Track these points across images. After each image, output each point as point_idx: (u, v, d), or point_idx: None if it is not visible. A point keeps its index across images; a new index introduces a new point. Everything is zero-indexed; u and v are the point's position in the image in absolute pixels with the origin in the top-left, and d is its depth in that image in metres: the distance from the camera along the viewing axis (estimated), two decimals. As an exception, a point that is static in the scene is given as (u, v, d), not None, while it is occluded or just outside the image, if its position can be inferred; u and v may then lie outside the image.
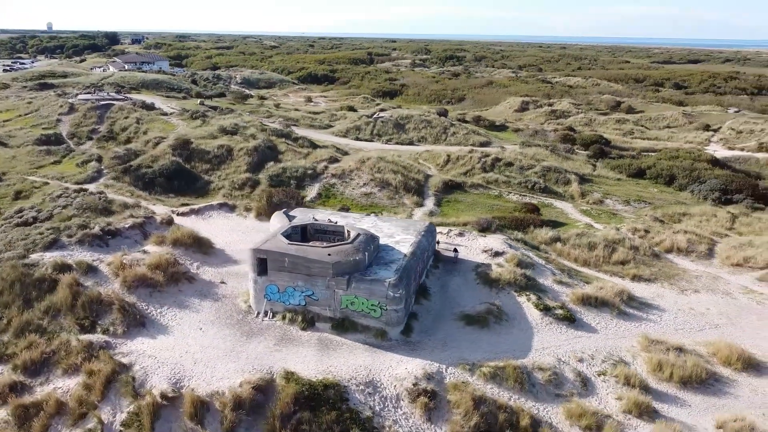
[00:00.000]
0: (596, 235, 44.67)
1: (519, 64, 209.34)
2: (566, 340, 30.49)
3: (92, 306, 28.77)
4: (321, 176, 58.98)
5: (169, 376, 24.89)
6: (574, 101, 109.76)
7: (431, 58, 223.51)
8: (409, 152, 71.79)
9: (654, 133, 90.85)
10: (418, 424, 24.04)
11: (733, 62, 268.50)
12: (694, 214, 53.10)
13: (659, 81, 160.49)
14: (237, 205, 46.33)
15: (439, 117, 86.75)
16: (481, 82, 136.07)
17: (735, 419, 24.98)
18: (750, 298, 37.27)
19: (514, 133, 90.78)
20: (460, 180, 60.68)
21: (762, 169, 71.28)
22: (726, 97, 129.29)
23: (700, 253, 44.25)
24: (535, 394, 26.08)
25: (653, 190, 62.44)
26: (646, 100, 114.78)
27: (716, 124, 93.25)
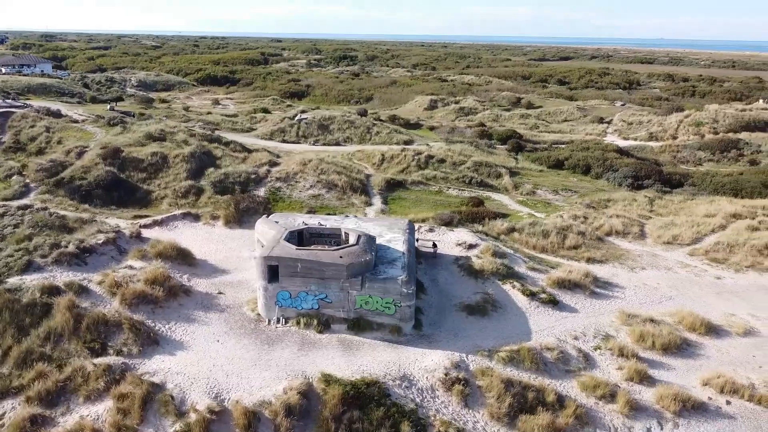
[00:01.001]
0: (546, 223, 48.26)
1: (412, 63, 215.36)
2: (556, 321, 33.21)
3: (98, 327, 27.33)
4: (264, 180, 58.38)
5: (206, 391, 24.46)
6: (477, 98, 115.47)
7: (325, 58, 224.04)
8: (339, 153, 72.49)
9: (557, 126, 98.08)
10: (457, 410, 25.46)
11: (598, 59, 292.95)
12: (617, 199, 58.66)
13: (543, 77, 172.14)
14: (201, 213, 44.98)
15: (360, 117, 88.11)
16: (385, 81, 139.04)
17: (716, 376, 28.73)
18: (688, 272, 42.25)
19: (430, 131, 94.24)
20: (401, 178, 62.56)
21: (657, 156, 79.62)
22: (605, 91, 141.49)
23: (635, 234, 49.22)
24: (548, 372, 28.40)
25: (573, 179, 67.96)
26: (542, 95, 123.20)
27: (608, 117, 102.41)
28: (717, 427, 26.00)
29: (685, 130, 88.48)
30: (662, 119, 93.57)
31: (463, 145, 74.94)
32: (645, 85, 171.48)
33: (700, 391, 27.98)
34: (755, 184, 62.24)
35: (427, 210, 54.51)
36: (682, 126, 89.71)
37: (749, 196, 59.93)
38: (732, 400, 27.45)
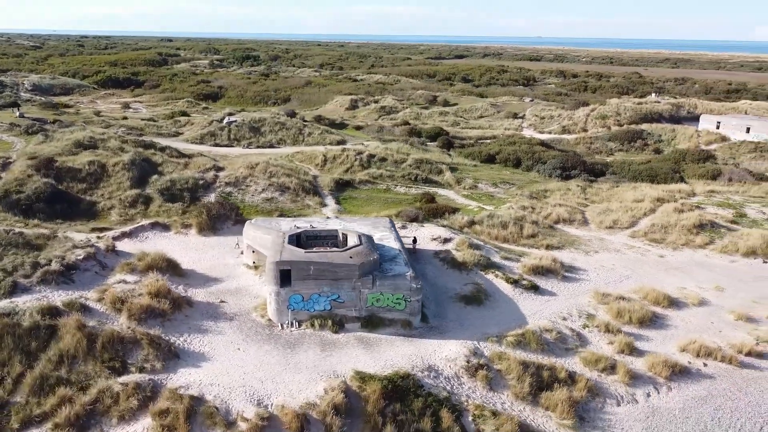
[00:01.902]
0: (501, 215, 51.02)
1: (318, 63, 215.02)
2: (541, 305, 35.71)
3: (115, 346, 26.20)
4: (213, 186, 57.07)
5: (247, 399, 24.37)
6: (395, 97, 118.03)
7: (227, 59, 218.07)
8: (276, 155, 71.93)
9: (475, 122, 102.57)
10: (484, 394, 27.04)
11: (490, 56, 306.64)
12: (552, 189, 62.92)
13: (447, 75, 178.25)
14: (170, 223, 43.37)
15: (290, 118, 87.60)
16: (300, 81, 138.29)
17: (691, 342, 32.32)
18: (634, 252, 46.53)
19: (357, 131, 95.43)
20: (348, 178, 63.36)
21: (573, 147, 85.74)
22: (511, 88, 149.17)
23: (580, 221, 53.28)
24: (552, 351, 30.68)
25: (507, 172, 71.83)
26: (455, 93, 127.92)
27: (520, 112, 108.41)
28: (702, 386, 29.37)
29: (593, 123, 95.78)
30: (571, 113, 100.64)
31: (398, 144, 76.80)
32: (540, 82, 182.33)
33: (680, 357, 31.36)
34: (667, 170, 68.98)
35: (379, 208, 55.80)
36: (590, 119, 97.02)
37: (663, 181, 66.38)
38: (708, 363, 31.04)
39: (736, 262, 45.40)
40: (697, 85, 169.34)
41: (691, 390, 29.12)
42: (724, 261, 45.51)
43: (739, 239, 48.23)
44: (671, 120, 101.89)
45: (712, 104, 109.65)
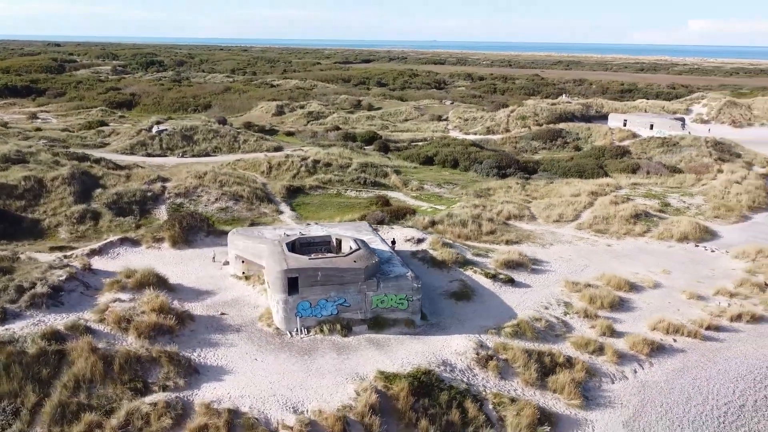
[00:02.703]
0: (459, 214, 53.09)
1: (229, 68, 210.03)
2: (521, 297, 37.89)
3: (133, 366, 25.30)
4: (162, 197, 55.30)
5: (282, 407, 24.47)
6: (320, 102, 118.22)
7: (131, 64, 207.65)
8: (215, 163, 70.41)
9: (404, 125, 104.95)
10: (497, 383, 28.60)
11: (396, 61, 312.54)
12: (494, 188, 66.06)
13: (362, 80, 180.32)
14: (139, 237, 41.57)
15: (222, 126, 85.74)
16: (219, 87, 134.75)
17: (659, 321, 35.63)
18: (584, 243, 50.11)
19: (288, 137, 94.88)
20: (298, 184, 63.30)
21: (501, 147, 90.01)
22: (429, 91, 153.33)
23: (528, 216, 56.44)
24: (545, 338, 32.83)
25: (446, 173, 74.40)
26: (378, 97, 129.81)
27: (444, 115, 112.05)
28: (677, 360, 32.56)
29: (514, 124, 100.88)
30: (493, 114, 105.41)
31: (339, 149, 77.44)
32: (450, 84, 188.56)
33: (653, 335, 34.52)
34: (592, 166, 74.27)
35: (333, 212, 56.38)
36: (511, 120, 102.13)
37: (591, 176, 71.44)
38: (677, 338, 34.40)
39: (673, 247, 50.09)
40: (594, 85, 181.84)
41: (669, 364, 32.20)
42: (663, 247, 50.07)
43: (672, 226, 53.18)
44: (583, 119, 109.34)
45: (616, 104, 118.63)
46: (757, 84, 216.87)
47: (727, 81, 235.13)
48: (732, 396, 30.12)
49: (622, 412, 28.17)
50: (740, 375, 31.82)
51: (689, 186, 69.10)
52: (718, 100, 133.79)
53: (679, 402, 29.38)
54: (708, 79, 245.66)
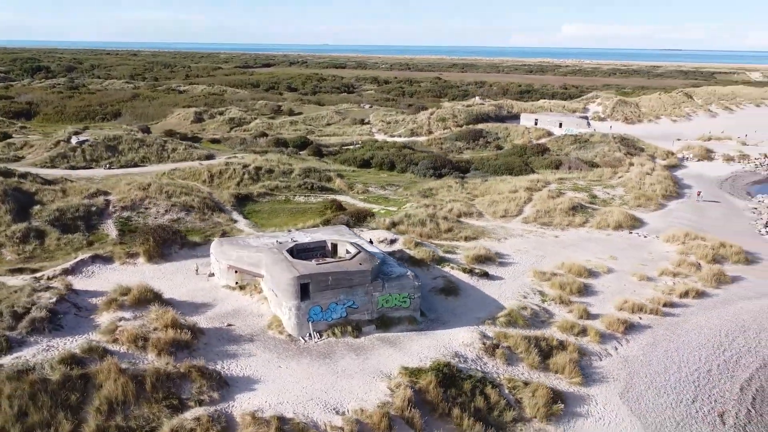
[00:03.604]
0: (415, 214, 54.82)
1: (126, 74, 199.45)
2: (499, 288, 40.24)
3: (164, 384, 24.68)
4: (107, 211, 52.66)
5: (324, 409, 24.96)
6: (240, 108, 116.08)
7: (14, 70, 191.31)
8: (149, 173, 67.74)
9: (329, 129, 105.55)
10: (505, 368, 30.59)
11: (297, 65, 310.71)
12: (436, 187, 68.54)
13: (272, 85, 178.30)
14: (111, 254, 39.56)
15: (148, 135, 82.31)
16: (127, 94, 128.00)
17: (623, 302, 39.28)
18: (534, 235, 53.58)
19: (213, 144, 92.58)
20: (245, 192, 62.40)
21: (428, 148, 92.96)
22: (341, 95, 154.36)
23: (476, 213, 59.32)
24: (533, 325, 35.29)
25: (384, 175, 76.06)
26: (296, 102, 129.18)
27: (364, 118, 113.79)
28: (647, 335, 36.19)
29: (436, 125, 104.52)
30: (414, 117, 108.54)
31: (275, 155, 76.89)
32: (358, 88, 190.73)
33: (621, 315, 38.03)
34: (519, 163, 78.90)
35: (288, 219, 56.30)
36: (432, 121, 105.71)
37: (519, 173, 75.89)
38: (642, 316, 38.14)
39: (611, 235, 54.79)
40: (495, 87, 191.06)
41: (642, 339, 35.75)
42: (602, 235, 54.63)
43: (607, 216, 58.04)
44: (496, 119, 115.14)
45: (523, 104, 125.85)
46: (635, 83, 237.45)
47: (608, 81, 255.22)
48: (699, 363, 34.02)
49: (616, 386, 31.08)
50: (701, 344, 35.94)
51: (608, 179, 75.35)
52: (610, 99, 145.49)
53: (659, 372, 32.81)
54: (592, 79, 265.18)
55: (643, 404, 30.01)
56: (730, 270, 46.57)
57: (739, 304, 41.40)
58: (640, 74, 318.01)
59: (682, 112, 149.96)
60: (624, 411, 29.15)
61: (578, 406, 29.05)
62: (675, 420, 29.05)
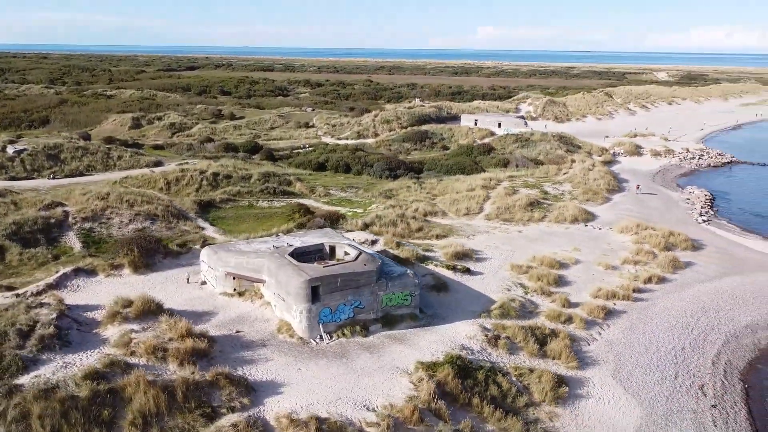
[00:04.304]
0: (384, 215, 55.77)
1: (43, 78, 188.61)
2: (482, 283, 41.94)
3: (194, 393, 24.47)
4: (67, 223, 50.55)
5: (355, 407, 25.57)
6: (178, 113, 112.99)
7: None
8: (99, 182, 65.25)
9: (274, 133, 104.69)
10: (509, 357, 32.17)
11: (223, 68, 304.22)
12: (395, 188, 69.77)
13: (204, 88, 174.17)
14: (95, 266, 38.02)
15: (90, 142, 78.96)
16: (54, 100, 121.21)
17: (598, 290, 41.94)
18: (500, 231, 55.82)
19: (156, 150, 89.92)
20: (207, 198, 61.35)
21: (377, 150, 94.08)
22: (285, 98, 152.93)
23: (441, 212, 61.01)
24: (523, 316, 37.13)
25: (341, 177, 76.54)
26: (236, 106, 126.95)
27: (309, 122, 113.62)
28: (624, 319, 38.85)
29: (381, 127, 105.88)
30: (359, 119, 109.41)
31: (229, 160, 75.82)
32: (292, 91, 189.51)
33: (598, 302, 40.59)
34: (470, 163, 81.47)
35: (255, 224, 55.87)
36: (377, 124, 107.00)
37: (471, 172, 78.35)
38: (615, 302, 40.87)
39: (570, 228, 57.88)
40: (427, 89, 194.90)
41: (620, 324, 38.36)
42: (562, 229, 57.63)
43: (563, 211, 61.23)
44: (437, 120, 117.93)
45: (461, 105, 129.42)
46: (556, 84, 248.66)
47: (530, 82, 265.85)
48: (674, 342, 36.94)
49: (607, 368, 33.32)
50: (671, 325, 38.97)
51: (554, 175, 79.14)
52: (540, 99, 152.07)
53: (642, 352, 35.40)
54: (515, 80, 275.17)
55: (634, 383, 32.37)
56: (681, 256, 50.43)
57: (695, 287, 45.06)
58: (558, 75, 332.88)
59: (604, 110, 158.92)
60: (619, 390, 31.35)
61: (579, 388, 30.98)
62: (664, 395, 31.53)
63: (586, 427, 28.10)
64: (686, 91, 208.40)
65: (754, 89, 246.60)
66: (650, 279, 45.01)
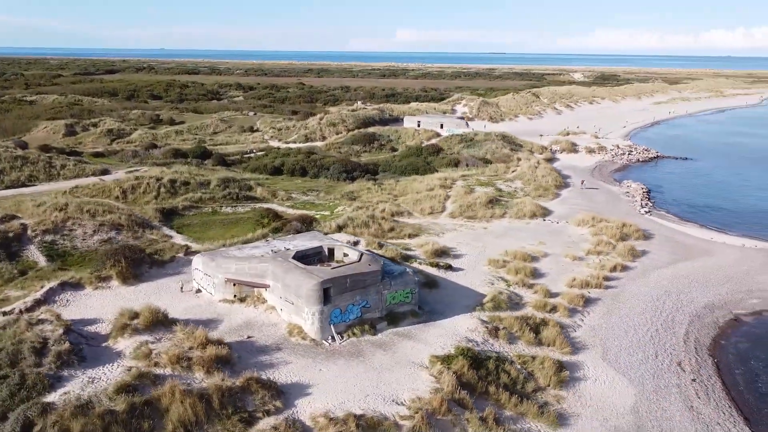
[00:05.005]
0: (356, 216, 56.42)
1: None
2: (465, 278, 43.51)
3: (229, 400, 24.45)
4: (26, 236, 48.23)
5: (384, 402, 26.36)
6: (114, 119, 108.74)
7: None
8: (46, 193, 62.32)
9: (219, 138, 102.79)
10: (510, 346, 33.82)
11: (144, 71, 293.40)
12: (356, 190, 70.51)
13: (131, 92, 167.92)
14: (80, 280, 36.45)
15: (29, 151, 74.89)
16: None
17: (572, 279, 44.49)
18: (466, 229, 57.73)
19: (100, 158, 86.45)
20: (169, 206, 59.87)
21: (327, 152, 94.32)
22: (222, 102, 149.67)
23: (407, 212, 62.33)
24: (513, 307, 38.95)
25: (298, 181, 76.41)
26: (175, 111, 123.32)
27: (253, 126, 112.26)
28: (600, 306, 41.46)
29: (328, 130, 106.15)
30: (305, 123, 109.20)
31: (183, 166, 74.18)
32: (224, 95, 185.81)
33: (574, 291, 43.07)
34: (422, 163, 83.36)
35: (223, 231, 55.32)
36: (324, 127, 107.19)
37: (425, 172, 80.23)
38: (589, 291, 43.47)
39: (530, 223, 60.63)
40: (361, 92, 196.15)
41: (598, 310, 40.94)
42: (523, 224, 60.29)
43: (521, 207, 64.00)
44: (381, 122, 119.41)
45: (402, 107, 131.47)
46: (482, 85, 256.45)
47: (456, 83, 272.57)
48: (648, 324, 39.81)
49: (596, 351, 35.60)
50: (643, 309, 41.93)
51: (503, 173, 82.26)
52: (474, 100, 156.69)
53: (622, 335, 38.00)
54: (443, 82, 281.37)
55: (622, 363, 34.78)
56: (636, 245, 54.05)
57: (655, 273, 48.54)
58: (482, 76, 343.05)
59: (534, 110, 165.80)
60: (611, 371, 33.62)
61: (576, 371, 33.00)
62: (650, 373, 34.09)
63: (590, 407, 30.03)
64: (604, 91, 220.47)
65: (662, 89, 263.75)
66: (615, 267, 48.09)
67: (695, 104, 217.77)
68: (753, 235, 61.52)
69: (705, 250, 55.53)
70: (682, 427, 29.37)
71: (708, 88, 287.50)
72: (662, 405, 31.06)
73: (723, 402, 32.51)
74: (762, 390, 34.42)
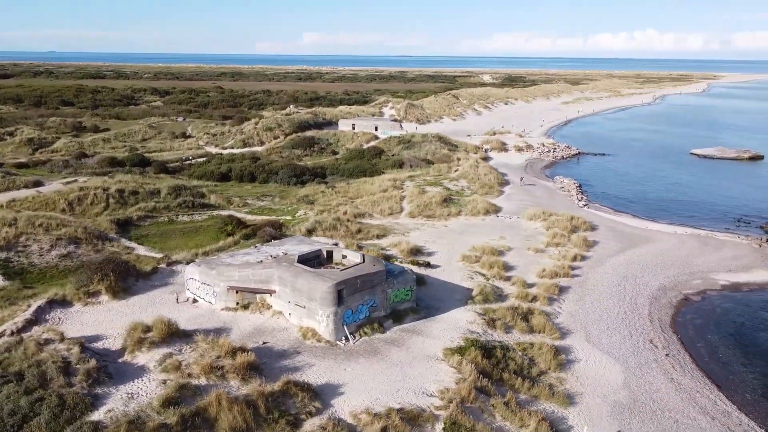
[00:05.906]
0: (323, 220, 56.81)
1: None
2: (446, 273, 45.25)
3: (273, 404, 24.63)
4: (-21, 254, 45.18)
5: (415, 395, 27.44)
6: (32, 128, 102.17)
7: None
8: None
9: (152, 145, 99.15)
10: (507, 335, 35.80)
11: (43, 75, 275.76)
12: (310, 193, 70.67)
13: (38, 99, 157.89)
14: (67, 296, 34.54)
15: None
16: None
17: (542, 270, 47.31)
18: (428, 227, 59.58)
19: (24, 168, 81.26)
20: (123, 216, 57.66)
21: (269, 157, 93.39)
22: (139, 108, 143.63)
23: (368, 214, 63.34)
24: (498, 299, 41.04)
25: (249, 187, 75.42)
26: (96, 118, 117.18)
27: (185, 131, 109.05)
28: (572, 294, 44.45)
29: (265, 135, 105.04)
30: (240, 128, 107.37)
31: (127, 175, 71.25)
32: (140, 100, 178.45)
33: (547, 281, 45.85)
34: (368, 166, 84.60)
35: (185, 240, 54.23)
36: (260, 131, 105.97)
37: (372, 174, 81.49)
38: (559, 280, 46.45)
39: (485, 220, 63.40)
40: (284, 95, 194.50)
41: (571, 296, 43.91)
42: (479, 221, 62.94)
43: (474, 205, 66.69)
44: (315, 126, 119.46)
45: (333, 110, 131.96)
46: (400, 87, 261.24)
47: (373, 86, 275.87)
48: (617, 308, 43.18)
49: (580, 335, 38.32)
50: (609, 295, 45.35)
51: (447, 173, 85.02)
52: (400, 103, 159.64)
53: (598, 320, 41.04)
54: (361, 85, 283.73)
55: (605, 344, 37.66)
56: (587, 236, 57.99)
57: (610, 261, 52.42)
58: (396, 79, 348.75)
59: (456, 111, 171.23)
60: (597, 352, 36.36)
61: (568, 354, 35.46)
62: (630, 351, 37.16)
63: (588, 386, 32.46)
64: (517, 92, 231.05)
65: (567, 89, 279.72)
66: (575, 257, 51.50)
67: (598, 103, 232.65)
68: (680, 222, 67.50)
69: (645, 237, 60.34)
70: (669, 398, 32.33)
71: (606, 88, 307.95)
72: (648, 379, 34.00)
73: (696, 373, 35.99)
74: (723, 360, 38.33)
